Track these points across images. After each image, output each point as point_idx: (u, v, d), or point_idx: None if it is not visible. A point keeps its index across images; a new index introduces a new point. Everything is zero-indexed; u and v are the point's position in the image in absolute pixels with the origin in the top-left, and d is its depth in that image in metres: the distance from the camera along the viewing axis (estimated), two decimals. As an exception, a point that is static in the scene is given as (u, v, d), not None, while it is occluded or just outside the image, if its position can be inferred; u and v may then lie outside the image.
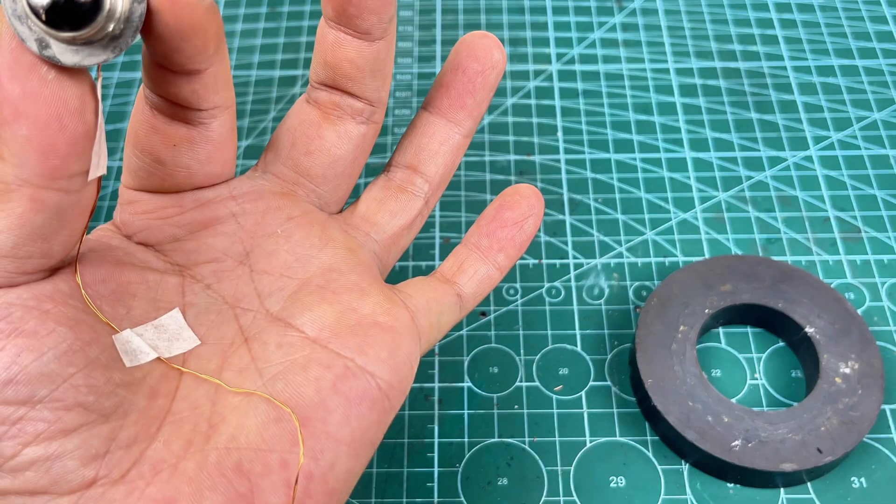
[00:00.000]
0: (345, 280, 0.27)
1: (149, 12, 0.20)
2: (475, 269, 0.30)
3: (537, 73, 0.52)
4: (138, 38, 0.21)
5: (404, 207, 0.30)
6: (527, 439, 0.38)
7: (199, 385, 0.24)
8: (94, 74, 0.20)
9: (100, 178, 0.22)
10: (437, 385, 0.39)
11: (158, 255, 0.27)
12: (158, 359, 0.24)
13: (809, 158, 0.47)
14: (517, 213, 0.30)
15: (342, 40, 0.26)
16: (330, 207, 0.30)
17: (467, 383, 0.39)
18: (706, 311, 0.39)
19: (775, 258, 0.43)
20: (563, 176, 0.47)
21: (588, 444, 0.37)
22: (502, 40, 0.54)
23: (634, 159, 0.48)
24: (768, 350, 0.40)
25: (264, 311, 0.26)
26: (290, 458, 0.23)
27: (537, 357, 0.40)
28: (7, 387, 0.21)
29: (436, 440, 0.38)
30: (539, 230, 0.44)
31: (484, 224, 0.31)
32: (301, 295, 0.27)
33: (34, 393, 0.21)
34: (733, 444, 0.35)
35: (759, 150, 0.48)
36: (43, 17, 0.18)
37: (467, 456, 0.37)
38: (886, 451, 0.37)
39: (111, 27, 0.19)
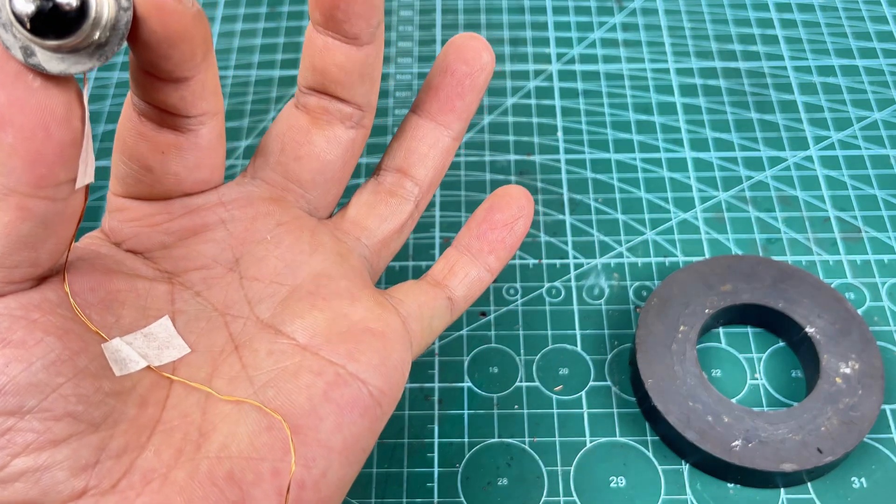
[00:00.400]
0: (335, 286, 0.27)
1: (135, 20, 0.20)
2: (466, 271, 0.30)
3: (537, 73, 0.52)
4: (125, 45, 0.21)
5: (394, 211, 0.30)
6: (527, 439, 0.37)
7: (189, 393, 0.24)
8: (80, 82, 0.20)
9: (87, 187, 0.22)
10: (437, 385, 0.39)
11: (147, 262, 0.27)
12: (148, 367, 0.24)
13: (810, 158, 0.47)
14: (507, 214, 0.30)
15: (330, 45, 0.26)
16: (320, 212, 0.30)
17: (467, 383, 0.39)
18: (706, 311, 0.39)
19: (775, 258, 0.42)
20: (563, 176, 0.47)
21: (588, 445, 0.37)
22: (502, 40, 0.54)
23: (634, 159, 0.47)
24: (768, 350, 0.40)
25: (255, 319, 0.26)
26: (281, 466, 0.23)
27: (537, 357, 0.40)
28: None
29: (436, 440, 0.38)
30: (539, 230, 0.44)
31: (474, 226, 0.31)
32: (291, 301, 0.27)
33: (23, 403, 0.21)
34: (733, 444, 0.35)
35: (759, 150, 0.47)
36: (28, 25, 0.18)
37: (467, 456, 0.37)
38: (887, 452, 0.37)
39: (97, 35, 0.19)
